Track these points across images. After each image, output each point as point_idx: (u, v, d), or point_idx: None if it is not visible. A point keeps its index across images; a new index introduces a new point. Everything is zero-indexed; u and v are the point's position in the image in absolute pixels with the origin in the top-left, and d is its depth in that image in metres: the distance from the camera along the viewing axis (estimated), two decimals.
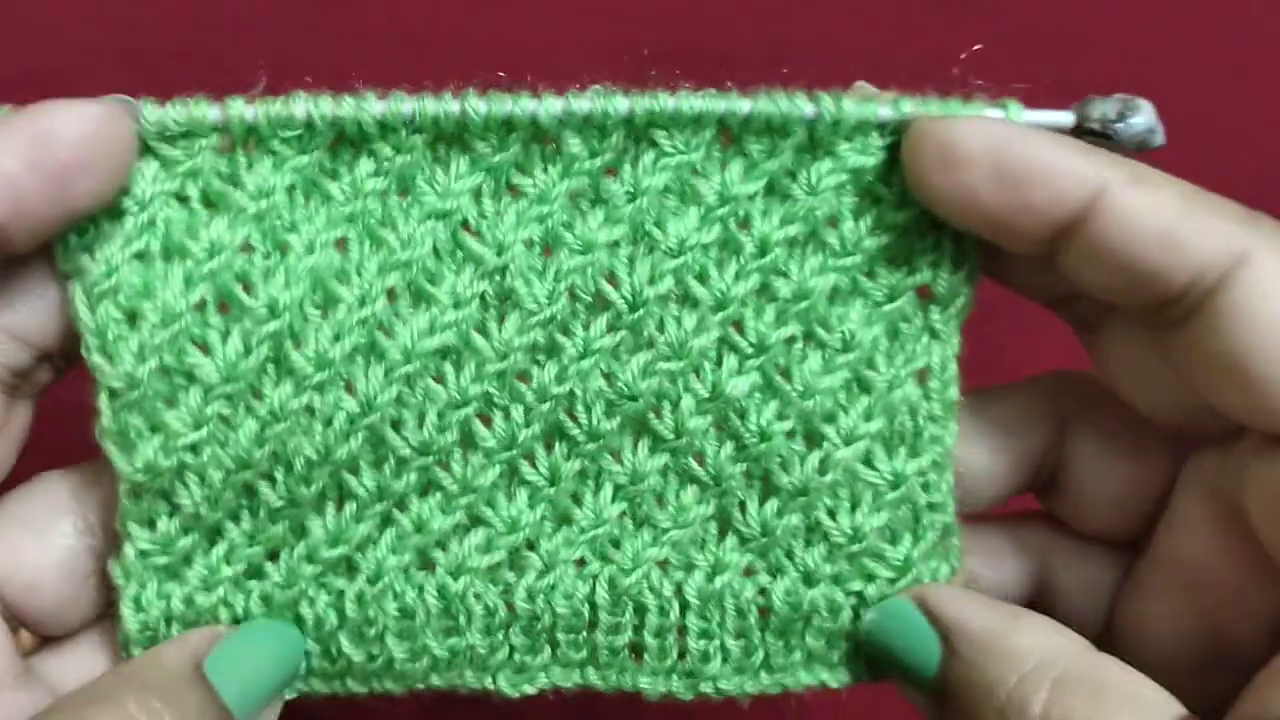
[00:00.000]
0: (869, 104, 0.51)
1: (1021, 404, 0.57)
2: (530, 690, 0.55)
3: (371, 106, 0.51)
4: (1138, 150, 0.50)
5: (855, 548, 0.54)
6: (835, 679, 0.56)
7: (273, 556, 0.54)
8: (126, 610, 0.52)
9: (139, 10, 0.60)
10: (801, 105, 0.51)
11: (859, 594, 0.55)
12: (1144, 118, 0.50)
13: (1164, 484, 0.54)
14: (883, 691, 0.56)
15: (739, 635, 0.55)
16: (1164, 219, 0.47)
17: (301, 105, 0.51)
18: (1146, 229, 0.47)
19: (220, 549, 0.53)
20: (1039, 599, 0.58)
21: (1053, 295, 0.54)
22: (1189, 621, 0.52)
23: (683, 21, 0.88)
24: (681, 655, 0.55)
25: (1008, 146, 0.48)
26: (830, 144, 0.52)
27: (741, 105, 0.51)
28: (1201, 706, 0.45)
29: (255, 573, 0.54)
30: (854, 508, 0.54)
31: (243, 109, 0.51)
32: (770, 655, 0.55)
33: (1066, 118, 0.51)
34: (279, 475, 0.52)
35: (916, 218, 0.53)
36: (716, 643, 0.55)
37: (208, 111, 0.51)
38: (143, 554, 0.52)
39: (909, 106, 0.51)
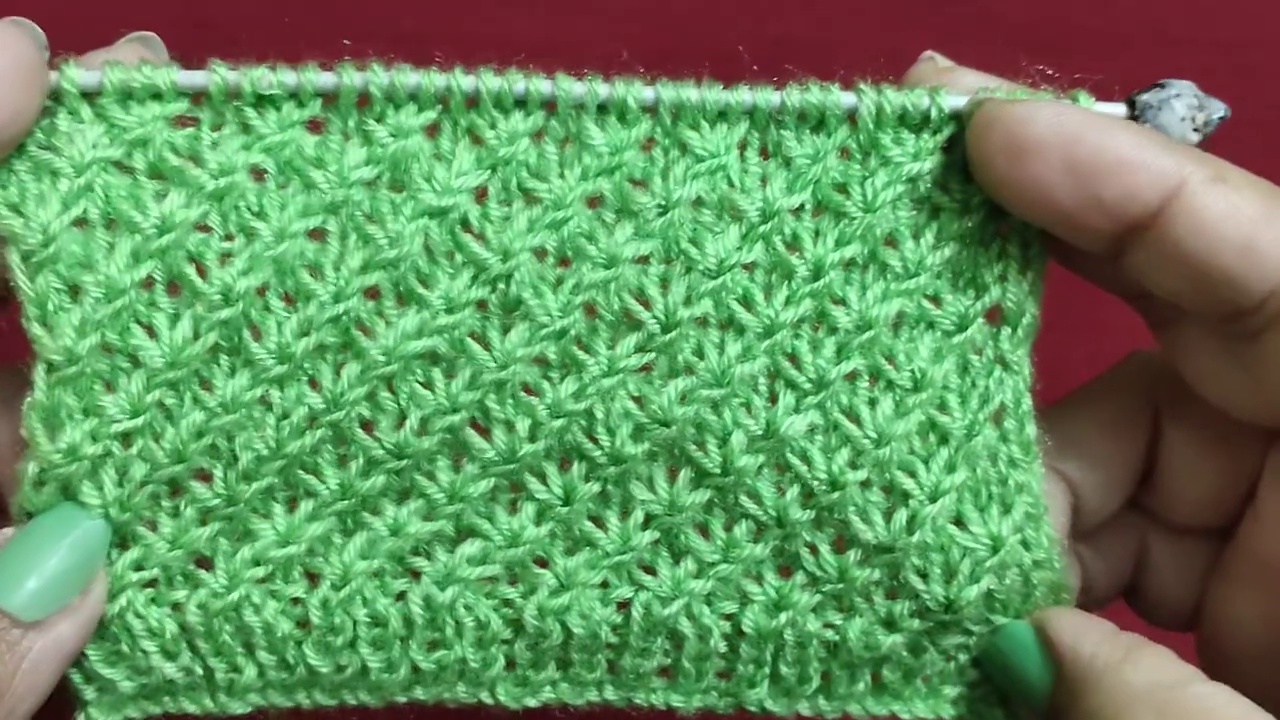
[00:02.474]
0: (916, 93, 0.48)
1: (1119, 403, 0.55)
2: (533, 703, 0.53)
3: (374, 76, 0.47)
4: (1199, 121, 0.48)
5: (950, 617, 0.51)
6: (908, 712, 0.54)
7: (205, 564, 0.50)
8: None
9: (134, 11, 0.60)
10: (839, 96, 0.49)
11: (958, 645, 0.52)
12: (1187, 84, 0.48)
13: (1254, 473, 0.52)
14: None
15: (795, 664, 0.52)
16: (1244, 224, 0.44)
17: (290, 73, 0.48)
18: (1225, 234, 0.44)
19: (131, 554, 0.49)
20: (1136, 579, 0.57)
21: (1125, 288, 0.52)
22: (1276, 610, 0.51)
23: (682, 23, 0.87)
24: (723, 675, 0.53)
25: (1081, 136, 0.45)
26: (879, 145, 0.49)
27: (774, 98, 0.49)
28: None
29: (183, 581, 0.50)
30: (949, 576, 0.50)
31: (223, 72, 0.47)
32: (832, 684, 0.53)
33: (1119, 109, 0.48)
34: (218, 470, 0.48)
35: (980, 224, 0.50)
36: (767, 670, 0.52)
37: (172, 75, 0.47)
38: None
39: (964, 97, 0.48)
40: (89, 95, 0.47)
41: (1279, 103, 0.77)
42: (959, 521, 0.51)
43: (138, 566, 0.49)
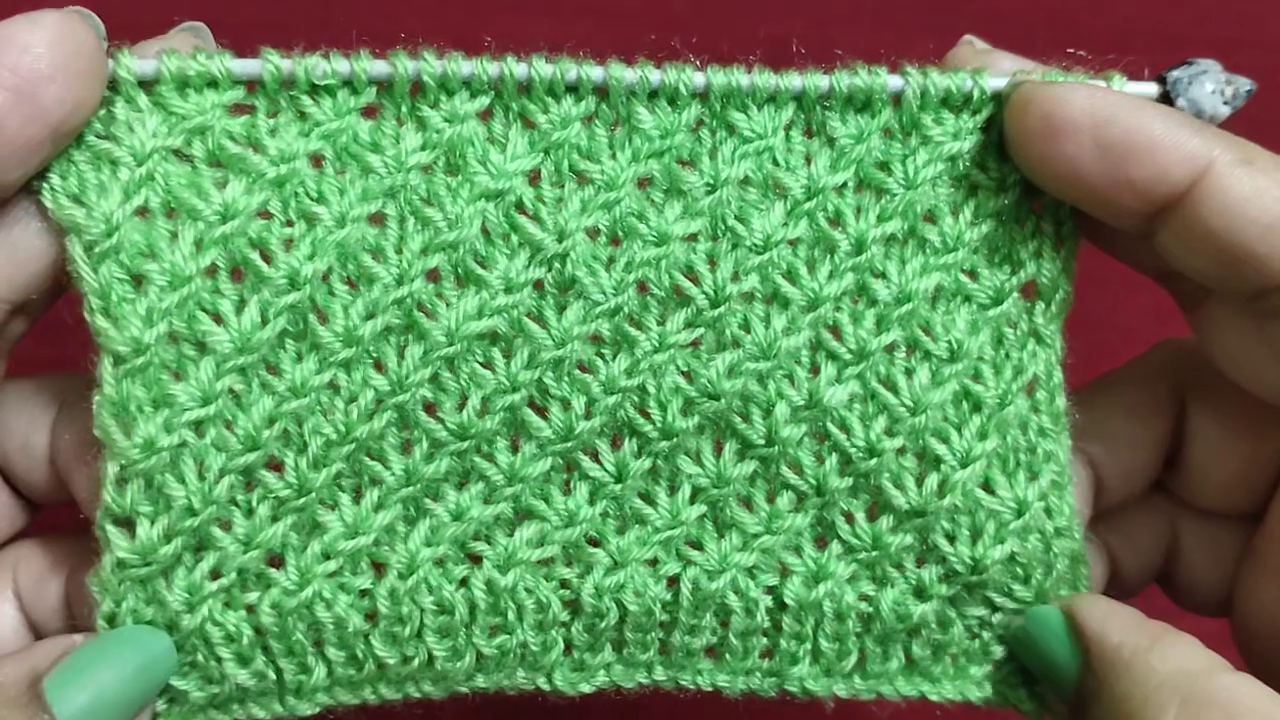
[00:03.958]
0: (960, 75, 0.50)
1: (1146, 388, 0.56)
2: (588, 689, 0.53)
3: (427, 65, 0.48)
4: (1228, 94, 0.49)
5: (975, 579, 0.52)
6: (937, 693, 0.55)
7: (275, 563, 0.50)
8: (101, 627, 0.48)
9: (141, 10, 0.59)
10: (887, 80, 0.50)
11: (981, 619, 0.54)
12: (1213, 62, 0.49)
13: None
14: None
15: (835, 639, 0.53)
16: (1270, 206, 0.45)
17: (343, 61, 0.48)
18: (1249, 215, 0.45)
19: (206, 562, 0.48)
20: (1167, 566, 0.58)
21: (1155, 268, 0.53)
22: None
23: (680, 24, 0.88)
24: (766, 655, 0.54)
25: (1113, 117, 0.47)
26: (920, 125, 0.50)
27: (823, 82, 0.50)
28: None
29: (256, 582, 0.50)
30: (975, 538, 0.52)
31: (277, 60, 0.47)
32: (867, 660, 0.54)
33: (1150, 88, 0.50)
34: (289, 459, 0.49)
35: (1015, 202, 0.52)
36: (808, 645, 0.53)
37: (228, 64, 0.47)
38: (120, 565, 0.47)
39: (1003, 79, 0.50)
40: (145, 84, 0.47)
41: (1279, 103, 0.79)
42: (987, 486, 0.52)
43: (214, 574, 0.49)
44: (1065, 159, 0.47)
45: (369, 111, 0.49)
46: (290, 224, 0.48)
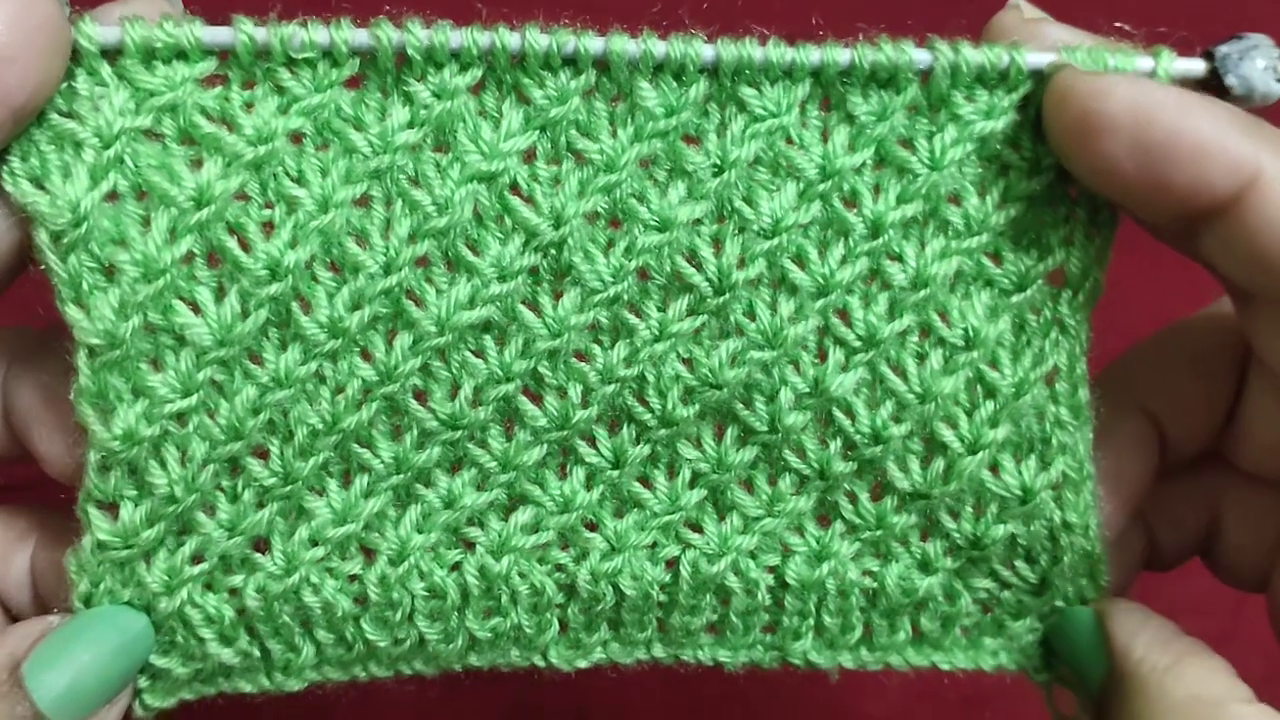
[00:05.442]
0: (995, 50, 0.46)
1: (1212, 341, 0.53)
2: (584, 665, 0.53)
3: (412, 37, 0.44)
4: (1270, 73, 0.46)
5: (976, 553, 0.51)
6: (948, 662, 0.54)
7: (261, 546, 0.49)
8: (77, 607, 0.48)
9: None
10: (913, 55, 0.46)
11: (989, 592, 0.53)
12: (1263, 36, 0.46)
13: None
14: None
15: (838, 614, 0.52)
16: None
17: (323, 30, 0.44)
18: None
19: (189, 546, 0.47)
20: (1209, 542, 0.56)
21: (1204, 259, 0.49)
22: None
23: (681, 24, 0.87)
24: (769, 630, 0.53)
25: (1155, 117, 0.43)
26: (950, 102, 0.47)
27: (843, 57, 0.46)
28: None
29: (240, 566, 0.49)
30: (978, 515, 0.51)
31: (250, 29, 0.44)
32: (874, 634, 0.53)
33: (1197, 65, 0.46)
34: (274, 447, 0.47)
35: (1049, 185, 0.48)
36: (811, 621, 0.52)
37: (197, 33, 0.43)
38: (100, 546, 0.46)
39: (1044, 55, 0.46)
40: (108, 54, 0.44)
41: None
42: (994, 469, 0.51)
43: (195, 558, 0.48)
44: (1103, 157, 0.44)
45: (352, 81, 0.46)
46: (270, 205, 0.45)
